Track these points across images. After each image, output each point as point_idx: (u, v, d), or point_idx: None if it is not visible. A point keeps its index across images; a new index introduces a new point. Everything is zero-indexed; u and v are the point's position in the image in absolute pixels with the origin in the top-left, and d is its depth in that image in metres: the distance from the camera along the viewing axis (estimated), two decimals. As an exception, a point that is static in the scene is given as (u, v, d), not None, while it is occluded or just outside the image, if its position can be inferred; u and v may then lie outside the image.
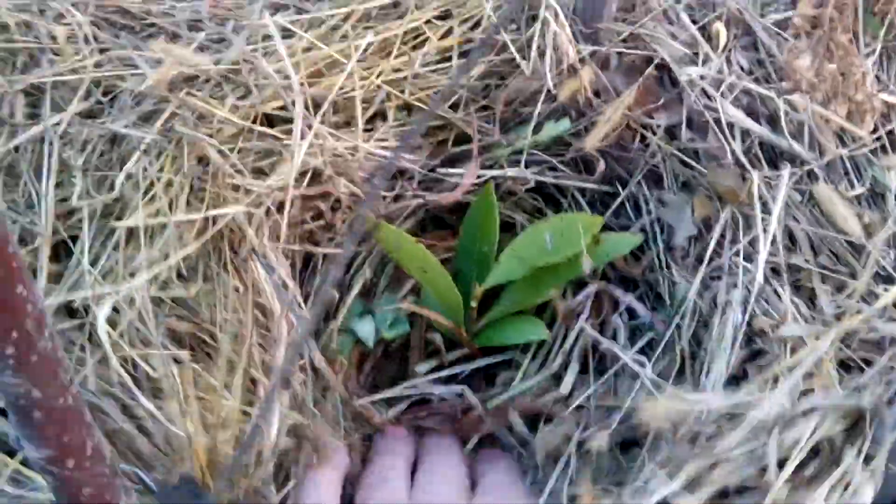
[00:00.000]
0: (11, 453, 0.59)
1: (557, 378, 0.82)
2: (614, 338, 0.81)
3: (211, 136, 0.77)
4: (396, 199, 0.88)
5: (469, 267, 0.90)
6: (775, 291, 0.70)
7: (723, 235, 0.78)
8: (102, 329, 0.63)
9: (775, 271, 0.73)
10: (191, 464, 0.58)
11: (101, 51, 0.80)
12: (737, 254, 0.75)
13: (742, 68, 0.92)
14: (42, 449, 0.39)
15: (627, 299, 0.85)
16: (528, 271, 0.86)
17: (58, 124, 0.74)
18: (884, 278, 0.71)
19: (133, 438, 0.60)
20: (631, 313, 0.85)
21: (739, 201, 0.79)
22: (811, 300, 0.72)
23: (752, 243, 0.75)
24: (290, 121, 0.86)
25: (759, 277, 0.71)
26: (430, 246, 0.90)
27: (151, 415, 0.60)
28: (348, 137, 0.85)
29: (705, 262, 0.77)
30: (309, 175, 0.82)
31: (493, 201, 0.89)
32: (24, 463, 0.57)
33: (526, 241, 0.88)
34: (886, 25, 1.01)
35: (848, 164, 0.83)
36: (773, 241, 0.73)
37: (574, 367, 0.82)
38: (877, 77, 0.97)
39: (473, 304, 0.87)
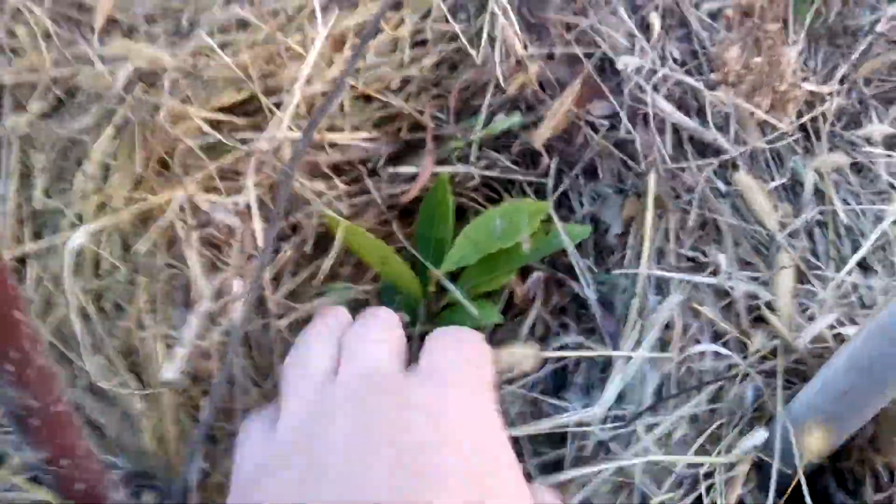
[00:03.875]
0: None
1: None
2: (564, 326, 0.87)
3: (166, 131, 0.79)
4: (356, 195, 0.91)
5: (427, 254, 0.94)
6: (695, 285, 0.77)
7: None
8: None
9: (695, 262, 0.80)
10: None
11: (60, 48, 0.81)
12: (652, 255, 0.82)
13: (675, 60, 0.97)
14: (40, 451, 0.43)
15: (576, 287, 0.91)
16: (481, 256, 0.91)
17: (15, 126, 0.76)
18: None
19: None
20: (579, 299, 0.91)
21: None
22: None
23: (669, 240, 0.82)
24: (248, 114, 0.89)
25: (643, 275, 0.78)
26: (390, 235, 0.95)
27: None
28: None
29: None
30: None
31: (445, 191, 0.93)
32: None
33: (478, 227, 0.92)
34: (814, 12, 1.07)
35: (769, 155, 0.89)
36: (691, 236, 0.80)
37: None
38: (805, 64, 1.04)
39: (431, 288, 0.92)
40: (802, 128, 0.94)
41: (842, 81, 1.00)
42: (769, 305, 0.77)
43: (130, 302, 0.69)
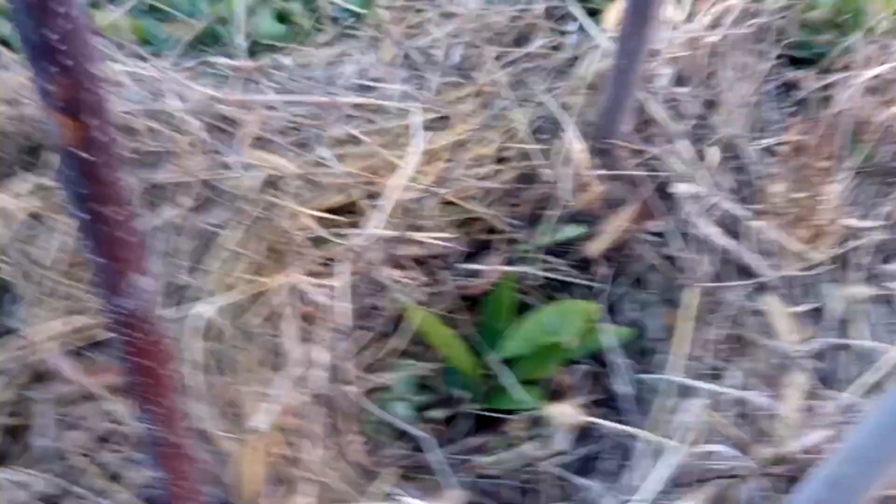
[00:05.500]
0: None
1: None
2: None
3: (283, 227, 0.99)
4: (432, 284, 1.08)
5: (487, 340, 1.09)
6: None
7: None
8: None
9: (722, 373, 0.91)
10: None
11: (209, 155, 1.03)
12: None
13: (726, 188, 1.09)
14: (163, 473, 0.61)
15: (614, 383, 1.03)
16: (533, 348, 1.05)
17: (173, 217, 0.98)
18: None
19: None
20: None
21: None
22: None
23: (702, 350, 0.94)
24: (350, 213, 1.09)
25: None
26: (457, 321, 1.11)
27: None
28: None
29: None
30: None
31: (509, 289, 1.09)
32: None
33: (533, 322, 1.07)
34: (866, 151, 1.16)
35: (803, 281, 0.99)
36: (721, 349, 0.91)
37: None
38: (852, 199, 1.13)
39: (487, 372, 1.06)
40: (841, 258, 1.03)
41: (887, 217, 1.09)
42: (778, 418, 0.86)
43: (239, 362, 0.88)
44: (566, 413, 0.83)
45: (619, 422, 0.98)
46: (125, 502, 0.77)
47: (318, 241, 1.04)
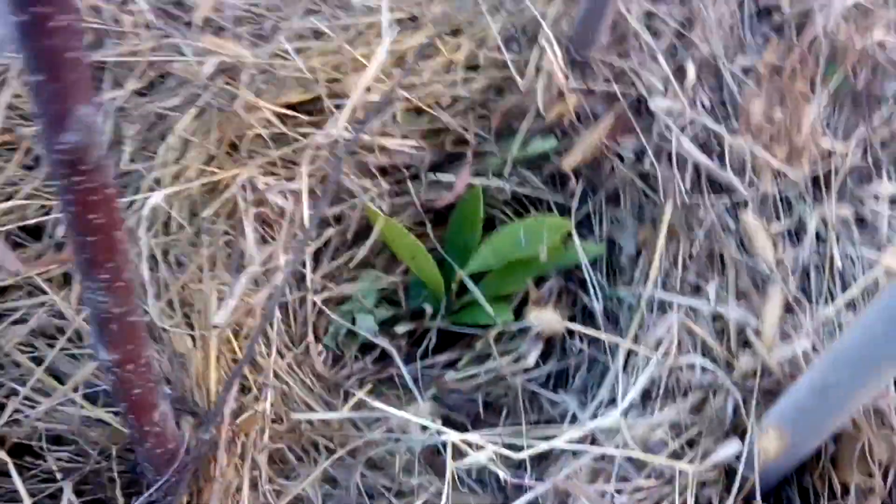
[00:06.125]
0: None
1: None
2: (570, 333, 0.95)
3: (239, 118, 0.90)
4: (397, 195, 1.01)
5: (454, 255, 1.03)
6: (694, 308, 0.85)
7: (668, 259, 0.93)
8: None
9: (698, 287, 0.87)
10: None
11: (158, 38, 0.93)
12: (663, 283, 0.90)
13: (704, 106, 1.06)
14: (112, 353, 0.53)
15: (586, 300, 0.99)
16: (502, 263, 1.00)
17: (114, 99, 0.88)
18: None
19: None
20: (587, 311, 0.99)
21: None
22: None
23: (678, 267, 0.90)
24: (311, 112, 1.00)
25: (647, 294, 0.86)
26: (423, 235, 1.04)
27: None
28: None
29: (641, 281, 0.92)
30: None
31: (478, 201, 1.03)
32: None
33: (503, 237, 1.02)
34: (842, 77, 1.14)
35: (779, 200, 0.96)
36: (697, 265, 0.88)
37: (538, 347, 0.97)
38: (826, 123, 1.11)
39: (454, 287, 1.01)
40: (815, 179, 1.01)
41: (861, 144, 1.07)
42: (756, 331, 0.84)
43: (192, 258, 0.80)
44: (549, 319, 0.78)
45: (593, 339, 0.95)
46: (70, 401, 0.69)
47: (275, 139, 0.96)
